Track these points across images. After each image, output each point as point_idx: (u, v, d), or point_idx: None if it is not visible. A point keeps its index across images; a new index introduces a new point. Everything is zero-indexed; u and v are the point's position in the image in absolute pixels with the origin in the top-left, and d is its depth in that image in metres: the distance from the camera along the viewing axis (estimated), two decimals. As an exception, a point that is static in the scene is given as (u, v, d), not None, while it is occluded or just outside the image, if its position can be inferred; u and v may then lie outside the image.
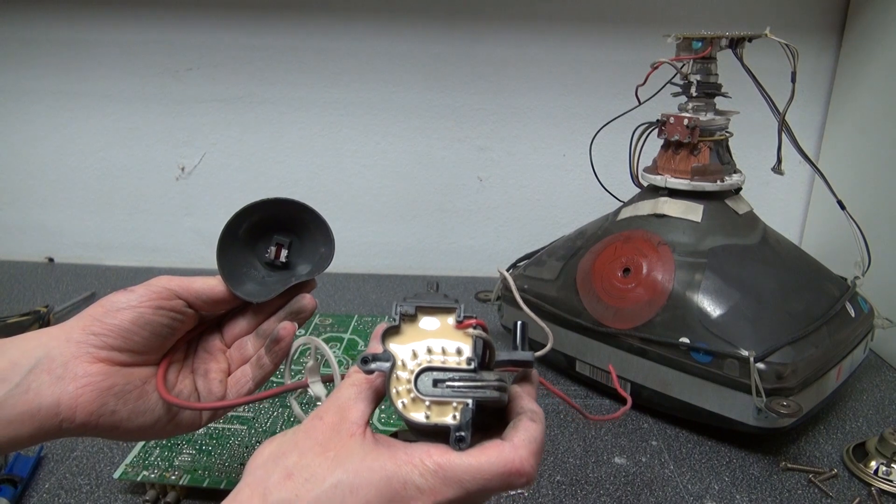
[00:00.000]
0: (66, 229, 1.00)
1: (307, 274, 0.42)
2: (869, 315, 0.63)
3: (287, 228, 0.42)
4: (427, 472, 0.29)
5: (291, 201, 0.41)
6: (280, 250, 0.42)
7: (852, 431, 0.59)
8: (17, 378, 0.34)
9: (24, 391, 0.34)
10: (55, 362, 0.35)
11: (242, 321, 0.43)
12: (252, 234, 0.41)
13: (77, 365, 0.35)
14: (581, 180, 0.95)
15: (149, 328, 0.37)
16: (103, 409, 0.36)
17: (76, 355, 0.35)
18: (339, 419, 0.31)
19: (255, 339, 0.42)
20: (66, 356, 0.35)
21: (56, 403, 0.34)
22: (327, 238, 0.42)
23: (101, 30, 0.89)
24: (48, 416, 0.34)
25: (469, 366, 0.31)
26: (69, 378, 0.35)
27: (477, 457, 0.29)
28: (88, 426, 0.36)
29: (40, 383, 0.34)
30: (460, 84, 0.91)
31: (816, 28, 0.87)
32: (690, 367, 0.55)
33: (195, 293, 0.39)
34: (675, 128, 0.61)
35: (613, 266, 0.61)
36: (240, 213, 0.40)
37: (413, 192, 0.96)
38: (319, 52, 0.90)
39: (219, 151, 0.95)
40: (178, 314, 0.39)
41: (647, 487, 0.52)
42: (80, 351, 0.36)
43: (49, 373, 0.35)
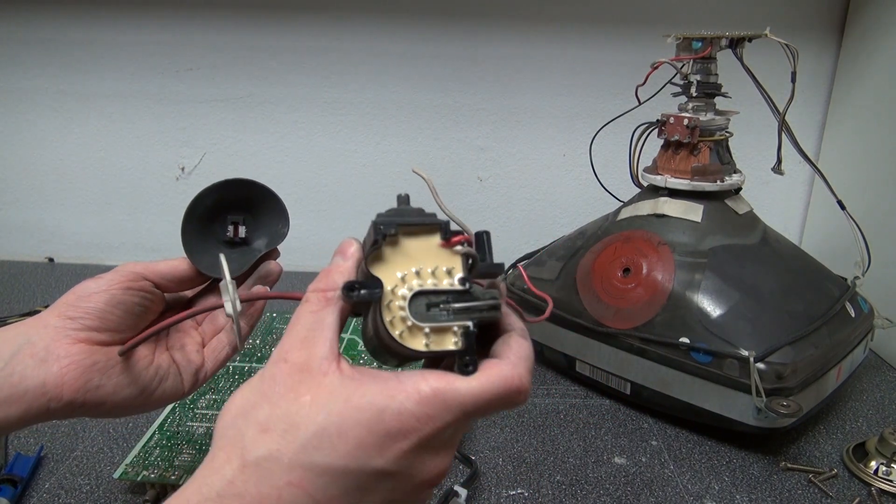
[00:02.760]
0: (66, 229, 1.00)
1: (266, 246, 0.45)
2: (869, 315, 0.63)
3: (240, 207, 0.45)
4: (425, 399, 0.27)
5: (238, 181, 0.44)
6: (237, 228, 0.44)
7: (852, 431, 0.59)
8: (0, 364, 0.35)
9: (9, 375, 0.35)
10: (36, 347, 0.36)
11: (210, 298, 0.45)
12: (209, 217, 0.44)
13: (58, 347, 0.36)
14: (581, 180, 0.95)
15: (121, 307, 0.39)
16: (88, 386, 0.37)
17: (56, 338, 0.37)
18: (307, 357, 0.28)
19: None
20: (46, 340, 0.37)
21: (42, 384, 0.36)
22: (278, 208, 0.45)
23: (101, 30, 0.89)
24: (35, 397, 0.35)
25: (464, 286, 0.29)
26: (52, 360, 0.36)
27: (478, 378, 0.28)
28: (75, 404, 0.37)
29: (24, 367, 0.36)
30: (460, 84, 0.91)
31: (816, 28, 0.87)
32: (690, 367, 0.55)
33: (160, 274, 0.41)
34: (675, 128, 0.61)
35: (613, 266, 0.61)
36: (195, 198, 0.43)
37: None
38: (319, 52, 0.90)
39: (219, 151, 0.95)
40: (146, 293, 0.40)
41: (647, 487, 0.52)
42: (60, 335, 0.37)
43: (32, 356, 0.36)
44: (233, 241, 0.44)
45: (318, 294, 0.30)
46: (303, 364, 0.28)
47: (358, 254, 0.31)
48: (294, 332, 0.29)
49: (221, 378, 0.61)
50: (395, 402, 0.26)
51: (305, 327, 0.29)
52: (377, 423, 0.26)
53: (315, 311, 0.29)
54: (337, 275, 0.30)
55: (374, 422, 0.26)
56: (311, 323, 0.29)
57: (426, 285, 0.29)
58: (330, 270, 0.30)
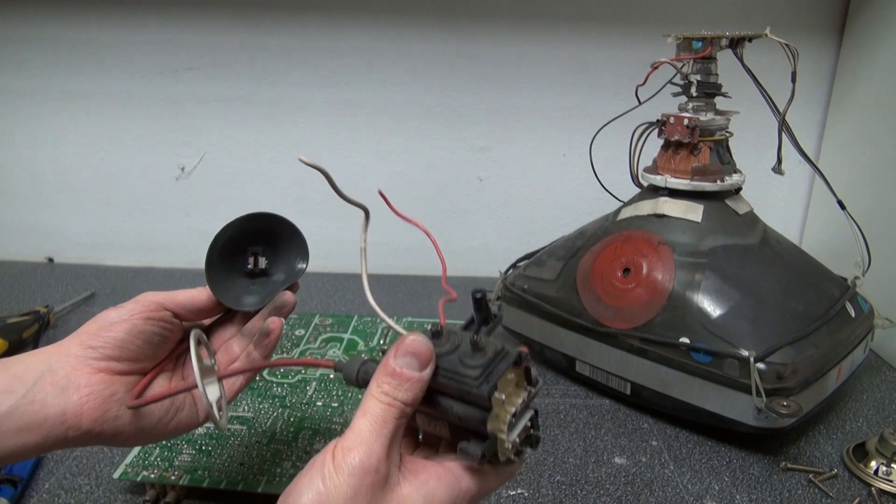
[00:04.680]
0: (66, 229, 1.00)
1: (283, 281, 0.45)
2: (869, 315, 0.63)
3: (261, 239, 0.45)
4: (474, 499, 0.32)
5: (263, 214, 0.44)
6: (257, 259, 0.45)
7: (852, 431, 0.59)
8: (22, 390, 0.35)
9: (30, 402, 0.35)
10: (57, 375, 0.36)
11: (229, 327, 0.45)
12: (232, 248, 0.44)
13: (79, 376, 0.37)
14: (581, 180, 0.95)
15: (142, 337, 0.39)
16: (106, 416, 0.37)
17: (77, 367, 0.37)
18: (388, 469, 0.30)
19: (241, 339, 0.44)
20: (67, 369, 0.37)
21: (62, 413, 0.36)
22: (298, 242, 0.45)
23: (101, 30, 0.89)
24: (54, 426, 0.36)
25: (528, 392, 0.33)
26: (72, 389, 0.36)
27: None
28: (93, 433, 0.37)
29: (45, 395, 0.36)
30: (460, 84, 0.91)
31: (816, 28, 0.87)
32: (690, 367, 0.55)
33: (179, 304, 0.41)
34: (675, 128, 0.61)
35: (613, 266, 0.61)
36: (220, 230, 0.43)
37: (413, 192, 0.96)
38: (319, 52, 0.90)
39: (219, 151, 0.95)
40: (166, 323, 0.41)
41: (647, 487, 0.52)
42: (81, 363, 0.37)
43: (53, 385, 0.36)
44: (253, 272, 0.45)
45: (406, 407, 0.31)
46: (386, 475, 0.30)
47: (433, 363, 0.32)
48: (382, 438, 0.30)
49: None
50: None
51: (389, 436, 0.30)
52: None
53: (397, 418, 0.31)
54: (421, 391, 0.32)
55: None
56: (393, 431, 0.30)
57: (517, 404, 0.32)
58: (412, 381, 0.31)
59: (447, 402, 0.32)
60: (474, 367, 0.32)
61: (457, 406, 0.32)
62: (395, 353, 0.32)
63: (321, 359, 0.37)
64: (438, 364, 0.32)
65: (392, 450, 0.30)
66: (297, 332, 0.71)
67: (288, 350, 0.67)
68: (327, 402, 0.58)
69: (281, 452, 0.51)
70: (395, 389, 0.31)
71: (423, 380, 0.31)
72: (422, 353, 0.32)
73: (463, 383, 0.31)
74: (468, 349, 0.33)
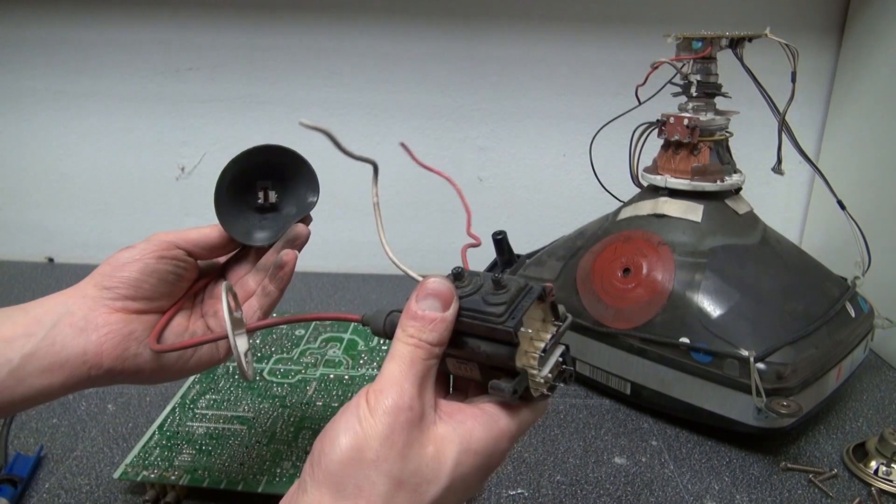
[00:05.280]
0: (66, 229, 1.00)
1: (295, 214, 0.45)
2: (869, 315, 0.63)
3: (270, 174, 0.45)
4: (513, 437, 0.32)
5: (269, 147, 0.44)
6: (267, 193, 0.45)
7: (852, 431, 0.59)
8: (42, 332, 0.36)
9: (51, 343, 0.36)
10: (76, 316, 0.37)
11: (243, 263, 0.45)
12: (241, 184, 0.44)
13: (96, 316, 0.38)
14: (581, 180, 0.95)
15: (156, 276, 0.40)
16: (126, 354, 0.38)
17: (94, 308, 0.38)
18: (422, 406, 0.30)
19: (256, 274, 0.44)
20: (84, 310, 0.38)
21: (82, 352, 0.37)
22: (308, 175, 0.45)
23: (101, 30, 0.89)
24: (76, 365, 0.37)
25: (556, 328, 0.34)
26: (91, 329, 0.37)
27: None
28: (114, 371, 0.38)
29: (65, 336, 0.37)
30: (460, 84, 0.91)
31: (816, 28, 0.87)
32: (690, 367, 0.55)
33: (192, 241, 0.42)
34: (675, 128, 0.61)
35: (613, 266, 0.61)
36: (226, 166, 0.43)
37: (413, 192, 0.96)
38: (319, 52, 0.90)
39: (219, 151, 0.95)
40: (180, 262, 0.41)
41: (647, 487, 0.52)
42: (97, 304, 0.38)
43: (71, 326, 0.37)
44: (263, 206, 0.45)
45: (433, 348, 0.31)
46: (421, 413, 0.29)
47: (456, 302, 0.32)
48: (412, 378, 0.30)
49: (221, 378, 0.61)
50: (499, 446, 0.31)
51: (420, 376, 0.30)
52: (488, 465, 0.31)
53: (426, 359, 0.31)
54: (446, 331, 0.31)
55: (486, 465, 0.31)
56: (424, 371, 0.30)
57: (546, 339, 0.33)
58: (436, 322, 0.31)
59: (475, 342, 0.32)
60: (498, 304, 0.31)
61: (484, 345, 0.32)
62: (417, 296, 0.32)
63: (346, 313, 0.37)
64: (463, 305, 0.32)
65: (424, 389, 0.30)
66: (297, 332, 0.71)
67: (288, 350, 0.67)
68: (327, 402, 0.58)
69: (281, 452, 0.51)
70: (420, 331, 0.31)
71: (446, 320, 0.31)
72: (442, 292, 0.31)
73: (488, 321, 0.31)
74: (491, 287, 0.32)
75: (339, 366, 0.64)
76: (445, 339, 0.31)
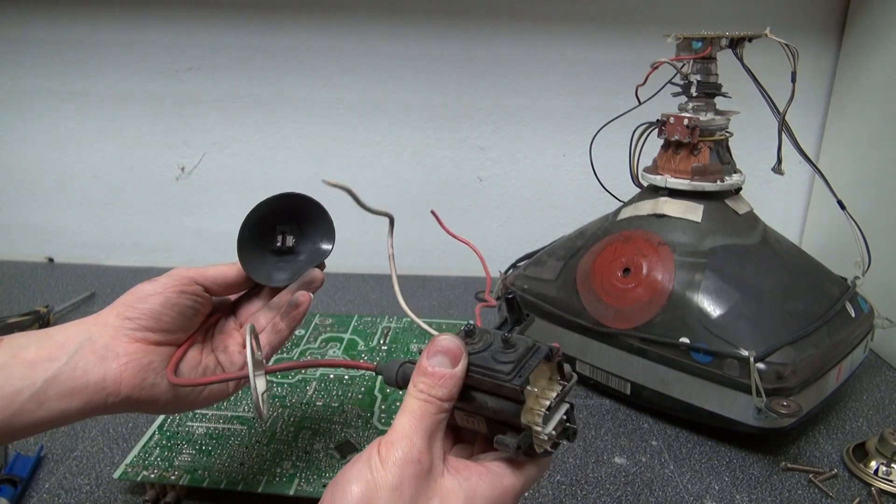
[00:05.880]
0: (66, 229, 1.00)
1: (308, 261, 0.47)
2: (869, 315, 0.63)
3: (290, 219, 0.47)
4: (518, 495, 0.33)
5: (293, 194, 0.46)
6: (285, 237, 0.46)
7: (852, 431, 0.59)
8: (64, 358, 0.37)
9: (73, 369, 0.37)
10: (97, 344, 0.39)
11: (256, 301, 0.47)
12: (261, 227, 0.46)
13: (118, 345, 0.39)
14: (581, 180, 0.95)
15: (175, 309, 0.41)
16: (144, 383, 0.39)
17: (115, 337, 0.39)
18: (430, 460, 0.31)
19: (268, 312, 0.46)
20: (106, 338, 0.39)
21: (102, 379, 0.38)
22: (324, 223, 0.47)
23: (101, 30, 0.89)
24: (95, 391, 0.38)
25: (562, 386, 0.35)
26: (111, 357, 0.38)
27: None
28: (131, 400, 0.39)
29: (87, 363, 0.38)
30: (460, 84, 0.91)
31: (816, 28, 0.87)
32: (690, 367, 0.55)
33: (211, 279, 0.43)
34: (675, 128, 0.61)
35: (613, 266, 0.61)
36: (252, 209, 0.45)
37: (413, 192, 0.96)
38: (319, 52, 0.90)
39: (219, 151, 0.95)
40: (198, 297, 0.43)
41: (647, 487, 0.52)
42: (118, 333, 0.39)
43: (93, 353, 0.38)
44: (281, 249, 0.46)
45: (443, 403, 0.32)
46: (429, 466, 0.31)
47: (465, 359, 0.33)
48: (421, 432, 0.31)
49: (221, 378, 0.61)
50: (503, 503, 0.32)
51: (429, 430, 0.32)
52: None
53: (435, 414, 0.32)
54: (456, 388, 0.33)
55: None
56: (433, 425, 0.32)
57: (551, 398, 0.33)
58: (445, 378, 0.32)
59: (483, 397, 0.33)
60: (506, 362, 0.33)
61: (492, 401, 0.33)
62: (428, 353, 0.33)
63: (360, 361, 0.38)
64: (472, 361, 0.33)
65: (433, 443, 0.32)
66: (298, 332, 0.71)
67: (288, 350, 0.67)
68: (327, 402, 0.58)
69: (281, 452, 0.51)
70: (431, 387, 0.32)
71: (455, 376, 0.33)
72: (452, 350, 0.33)
73: (496, 378, 0.32)
74: (500, 346, 0.34)
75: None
76: (454, 395, 0.33)
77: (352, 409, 0.57)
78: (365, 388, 0.60)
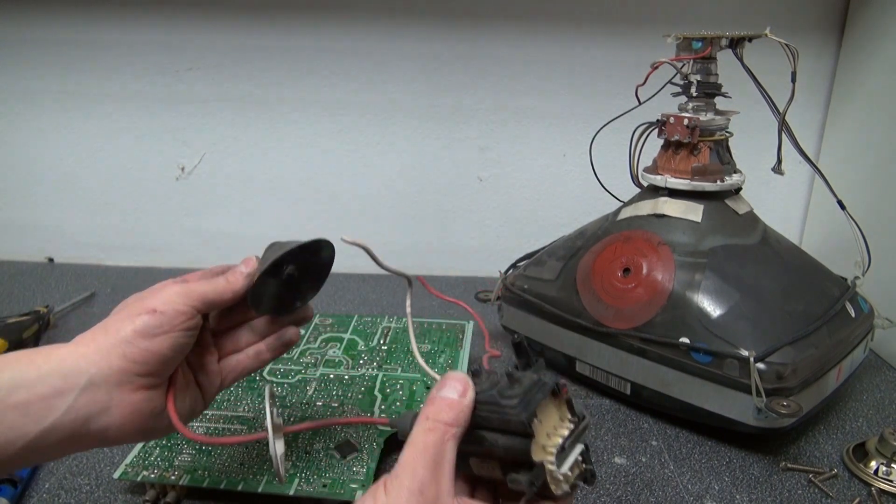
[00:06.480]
0: (66, 229, 1.00)
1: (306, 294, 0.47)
2: (869, 315, 0.63)
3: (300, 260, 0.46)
4: None
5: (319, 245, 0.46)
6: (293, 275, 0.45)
7: (852, 431, 0.59)
8: (63, 406, 0.35)
9: (73, 419, 0.35)
10: (100, 391, 0.36)
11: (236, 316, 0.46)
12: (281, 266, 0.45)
13: (122, 395, 0.37)
14: (581, 180, 0.95)
15: (183, 351, 0.39)
16: (146, 428, 0.38)
17: (120, 384, 0.37)
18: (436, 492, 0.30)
19: (250, 334, 0.46)
20: (110, 384, 0.36)
21: (104, 429, 0.37)
22: (319, 277, 0.47)
23: (101, 30, 0.89)
24: (95, 439, 0.37)
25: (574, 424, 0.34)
26: (115, 407, 0.37)
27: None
28: (125, 441, 0.39)
29: (88, 413, 0.36)
30: (460, 84, 0.91)
31: (816, 28, 0.87)
32: (690, 367, 0.55)
33: (209, 303, 0.41)
34: (675, 128, 0.61)
35: (613, 266, 0.61)
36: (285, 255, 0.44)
37: (413, 192, 0.96)
38: (319, 52, 0.90)
39: (219, 151, 0.95)
40: (197, 329, 0.40)
41: (647, 487, 0.52)
42: (124, 379, 0.37)
43: (95, 403, 0.36)
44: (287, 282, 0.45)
45: (448, 429, 0.32)
46: (433, 499, 0.30)
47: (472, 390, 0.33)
48: (424, 462, 0.30)
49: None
50: None
51: (434, 459, 0.31)
52: None
53: (442, 443, 0.31)
54: (462, 414, 0.32)
55: None
56: (437, 455, 0.31)
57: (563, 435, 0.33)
58: (451, 402, 0.32)
59: (492, 436, 0.33)
60: (512, 396, 0.33)
61: (502, 438, 0.33)
62: (436, 388, 0.33)
63: (373, 416, 0.38)
64: (479, 399, 0.33)
65: (439, 475, 0.30)
66: (298, 332, 0.70)
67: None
68: (327, 402, 0.58)
69: (281, 452, 0.51)
70: (437, 412, 0.32)
71: (462, 403, 0.32)
72: (459, 379, 0.33)
73: (503, 413, 0.32)
74: (506, 383, 0.34)
75: (339, 366, 0.64)
76: (461, 422, 0.32)
77: (352, 409, 0.57)
78: (365, 388, 0.60)
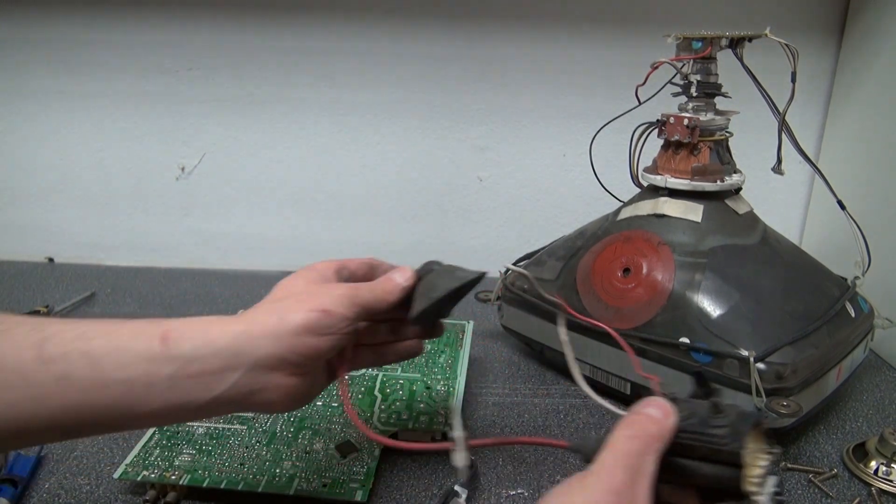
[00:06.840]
0: (66, 229, 1.00)
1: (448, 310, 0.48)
2: (869, 315, 0.63)
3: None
4: None
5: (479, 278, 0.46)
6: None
7: (852, 431, 0.59)
8: (230, 381, 0.36)
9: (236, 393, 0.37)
10: (260, 372, 0.37)
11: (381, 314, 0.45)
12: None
13: (279, 378, 0.38)
14: (581, 180, 0.95)
15: (337, 350, 0.40)
16: (296, 402, 0.40)
17: (278, 368, 0.38)
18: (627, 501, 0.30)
19: (387, 332, 0.48)
20: (271, 367, 0.37)
21: (261, 402, 0.38)
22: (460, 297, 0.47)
23: (101, 30, 0.89)
24: (254, 407, 0.38)
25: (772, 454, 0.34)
26: (272, 387, 0.38)
27: None
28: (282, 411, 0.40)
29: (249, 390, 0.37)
30: (460, 84, 0.91)
31: (816, 28, 0.87)
32: (690, 367, 0.55)
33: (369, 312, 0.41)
34: (675, 128, 0.61)
35: (613, 266, 0.61)
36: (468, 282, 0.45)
37: (413, 192, 0.96)
38: (319, 52, 0.90)
39: (219, 151, 0.95)
40: (354, 333, 0.41)
41: (647, 487, 0.52)
42: (282, 365, 0.38)
43: (256, 382, 0.37)
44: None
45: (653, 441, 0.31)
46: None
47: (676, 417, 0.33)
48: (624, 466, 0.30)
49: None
50: None
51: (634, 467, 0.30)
52: None
53: (645, 453, 0.31)
54: (666, 432, 0.32)
55: None
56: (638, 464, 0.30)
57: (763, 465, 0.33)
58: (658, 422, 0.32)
59: (696, 464, 0.33)
60: (721, 426, 0.33)
61: (707, 467, 0.33)
62: (639, 406, 0.33)
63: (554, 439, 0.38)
64: (681, 426, 0.33)
65: (637, 484, 0.30)
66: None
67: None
68: (327, 401, 0.58)
69: (281, 452, 0.51)
70: (643, 425, 0.32)
71: (667, 422, 0.32)
72: (661, 403, 0.33)
73: (712, 443, 0.32)
74: (709, 412, 0.34)
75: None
76: (664, 439, 0.32)
77: (352, 409, 0.57)
78: (365, 388, 0.60)
